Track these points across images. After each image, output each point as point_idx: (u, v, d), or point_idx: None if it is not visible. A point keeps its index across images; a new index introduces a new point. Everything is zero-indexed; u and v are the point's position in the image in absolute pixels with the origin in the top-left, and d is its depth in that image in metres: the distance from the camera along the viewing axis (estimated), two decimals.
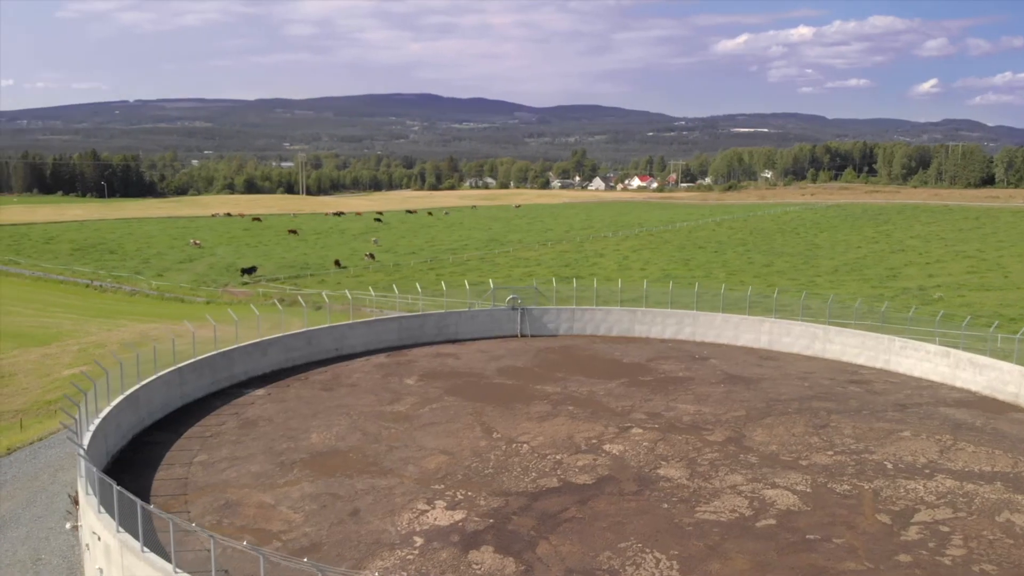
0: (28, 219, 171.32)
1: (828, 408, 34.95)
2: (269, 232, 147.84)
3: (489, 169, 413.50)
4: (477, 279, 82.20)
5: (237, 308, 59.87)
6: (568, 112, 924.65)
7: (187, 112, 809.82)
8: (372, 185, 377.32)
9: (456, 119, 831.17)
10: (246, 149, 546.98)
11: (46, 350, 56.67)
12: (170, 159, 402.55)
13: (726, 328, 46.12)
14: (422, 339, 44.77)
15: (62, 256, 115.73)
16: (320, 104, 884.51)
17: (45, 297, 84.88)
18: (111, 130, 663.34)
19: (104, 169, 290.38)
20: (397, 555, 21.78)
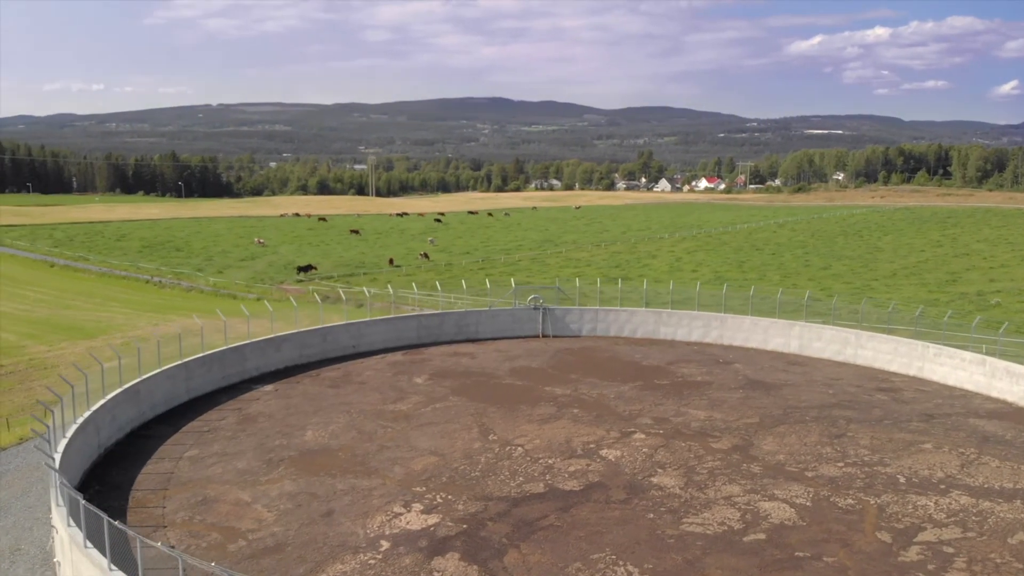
0: (105, 217, 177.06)
1: (848, 417, 32.87)
2: (332, 232, 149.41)
3: (554, 171, 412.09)
4: (524, 279, 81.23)
5: (277, 304, 60.12)
6: (638, 114, 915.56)
7: (267, 116, 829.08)
8: (440, 187, 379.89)
9: (525, 122, 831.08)
10: (323, 152, 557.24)
11: (92, 343, 57.71)
12: (247, 161, 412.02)
13: (754, 332, 44.11)
14: (442, 338, 43.95)
15: (131, 253, 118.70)
16: (394, 108, 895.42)
17: (106, 292, 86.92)
18: (195, 133, 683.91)
19: (183, 170, 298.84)
20: (359, 559, 20.93)
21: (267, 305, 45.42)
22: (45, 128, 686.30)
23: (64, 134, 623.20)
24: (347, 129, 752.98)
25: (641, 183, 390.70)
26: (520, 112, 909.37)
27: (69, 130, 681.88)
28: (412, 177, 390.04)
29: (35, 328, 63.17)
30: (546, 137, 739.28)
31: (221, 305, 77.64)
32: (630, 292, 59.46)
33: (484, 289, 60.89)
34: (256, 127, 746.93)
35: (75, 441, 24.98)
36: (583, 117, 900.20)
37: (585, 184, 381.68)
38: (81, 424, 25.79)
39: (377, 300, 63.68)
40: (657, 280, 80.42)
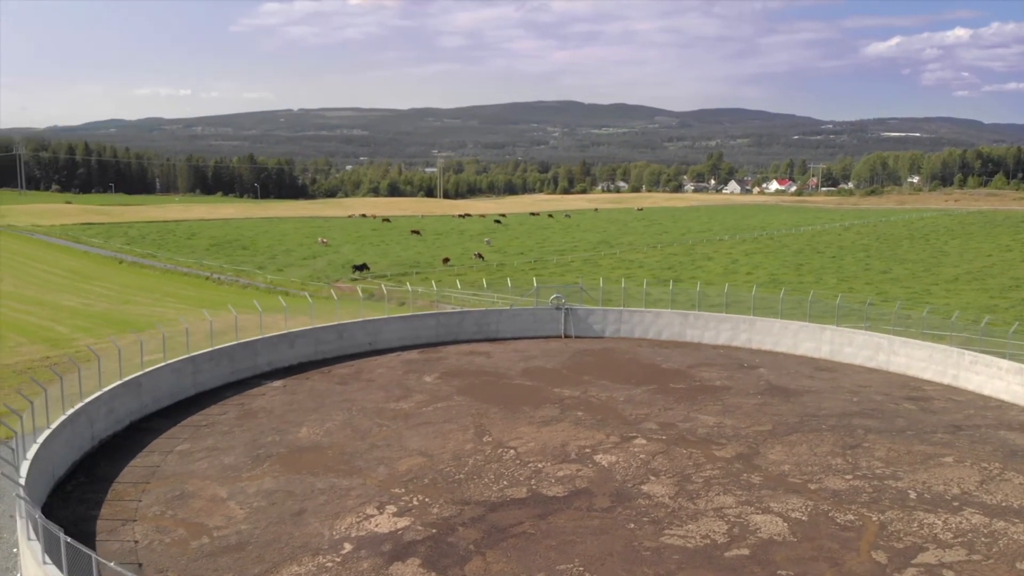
0: (181, 216, 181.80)
1: (868, 426, 30.73)
2: (394, 232, 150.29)
3: (622, 173, 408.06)
4: (573, 279, 79.88)
5: (319, 300, 60.18)
6: (710, 116, 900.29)
7: (345, 120, 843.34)
8: (507, 189, 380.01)
9: (596, 124, 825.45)
10: (397, 156, 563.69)
11: (138, 336, 58.73)
12: (322, 164, 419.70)
13: (784, 335, 41.96)
14: (461, 336, 43.06)
15: (198, 251, 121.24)
16: (467, 113, 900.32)
17: (166, 288, 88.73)
18: (276, 137, 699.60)
19: (260, 172, 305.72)
20: (316, 562, 20.12)
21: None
22: (135, 131, 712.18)
23: (153, 137, 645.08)
24: (421, 133, 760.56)
25: (710, 185, 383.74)
26: (590, 115, 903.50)
27: (158, 133, 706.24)
28: (480, 180, 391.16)
29: (90, 322, 64.49)
30: (616, 139, 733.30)
31: (273, 301, 78.60)
32: (678, 294, 57.66)
33: (529, 288, 59.92)
34: (335, 131, 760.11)
35: (62, 433, 24.85)
36: (654, 119, 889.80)
37: (652, 186, 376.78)
38: (71, 416, 25.66)
39: (421, 298, 63.35)
40: (709, 283, 78.15)
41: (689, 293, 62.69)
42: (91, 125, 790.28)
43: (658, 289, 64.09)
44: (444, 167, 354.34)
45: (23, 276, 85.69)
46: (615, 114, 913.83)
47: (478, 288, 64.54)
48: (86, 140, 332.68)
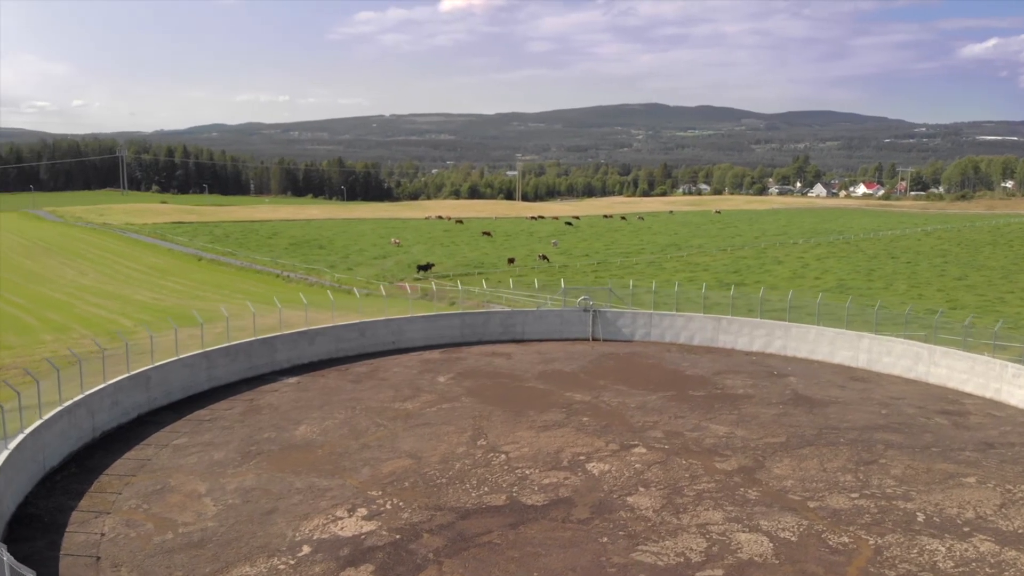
0: (267, 217, 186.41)
1: (890, 441, 28.41)
2: (466, 234, 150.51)
3: (704, 175, 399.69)
4: (635, 281, 78.12)
5: (372, 299, 60.32)
6: (799, 118, 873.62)
7: (434, 125, 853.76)
8: (586, 192, 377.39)
9: (681, 127, 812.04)
10: (482, 159, 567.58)
11: (194, 331, 60.00)
12: (407, 167, 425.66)
13: (820, 343, 39.50)
14: (486, 337, 42.11)
15: (277, 250, 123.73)
16: (551, 116, 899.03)
17: (236, 285, 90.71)
18: (368, 141, 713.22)
19: (348, 175, 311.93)
20: (270, 563, 19.48)
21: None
22: (236, 135, 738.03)
23: (252, 141, 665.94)
24: (506, 137, 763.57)
25: (795, 188, 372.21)
26: (676, 117, 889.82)
27: (257, 137, 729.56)
28: (559, 182, 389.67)
29: (156, 316, 66.12)
30: (701, 142, 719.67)
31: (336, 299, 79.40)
32: (739, 298, 55.46)
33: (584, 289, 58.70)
34: (424, 136, 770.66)
35: (56, 424, 25.01)
36: (741, 122, 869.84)
37: (735, 189, 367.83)
38: (68, 407, 25.80)
39: (475, 297, 62.82)
40: (774, 287, 75.30)
41: (750, 298, 60.25)
42: (195, 129, 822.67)
43: (718, 293, 61.87)
44: (525, 170, 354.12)
45: (107, 271, 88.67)
46: (701, 116, 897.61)
47: (532, 288, 63.63)
48: (189, 144, 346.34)
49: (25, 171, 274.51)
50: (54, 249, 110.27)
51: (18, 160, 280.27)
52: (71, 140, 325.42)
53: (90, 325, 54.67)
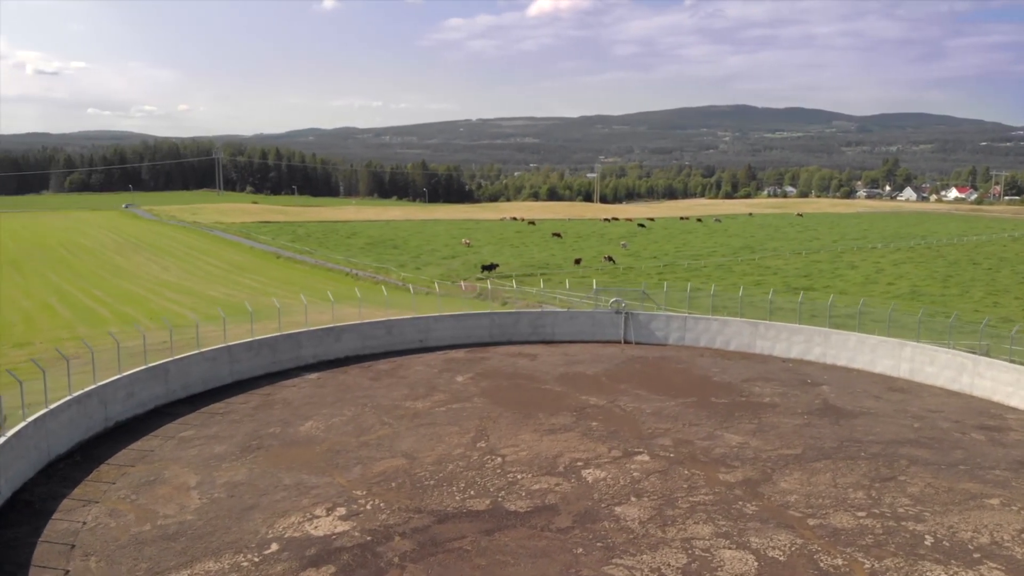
0: (349, 217, 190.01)
1: (916, 457, 26.28)
2: (536, 235, 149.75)
3: (790, 178, 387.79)
4: (699, 284, 76.01)
5: (425, 297, 60.32)
6: (891, 120, 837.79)
7: (519, 129, 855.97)
8: (666, 194, 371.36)
9: (769, 128, 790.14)
10: (565, 162, 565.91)
11: (251, 326, 61.18)
12: (488, 170, 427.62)
13: (861, 351, 37.10)
14: (515, 337, 41.22)
15: (353, 249, 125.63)
16: (636, 119, 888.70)
17: (307, 282, 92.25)
18: (455, 145, 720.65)
19: (431, 178, 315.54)
20: (234, 561, 19.16)
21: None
22: (331, 139, 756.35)
23: (346, 145, 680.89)
24: (590, 140, 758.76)
25: (884, 192, 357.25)
26: (764, 119, 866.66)
27: (351, 141, 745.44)
28: (640, 184, 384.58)
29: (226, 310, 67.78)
30: (790, 144, 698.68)
31: (395, 297, 79.89)
32: (807, 305, 53.21)
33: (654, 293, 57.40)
34: (508, 140, 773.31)
35: (64, 413, 25.44)
36: (831, 123, 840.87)
37: (822, 192, 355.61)
38: (78, 397, 26.24)
39: (530, 297, 62.14)
40: (843, 292, 72.12)
41: (816, 304, 57.70)
42: (292, 133, 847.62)
43: (782, 298, 59.56)
44: (606, 172, 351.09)
45: (189, 268, 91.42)
46: (790, 118, 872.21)
47: (590, 290, 62.51)
48: (286, 147, 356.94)
49: (128, 171, 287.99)
50: (144, 246, 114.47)
51: (122, 161, 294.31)
52: (171, 142, 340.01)
53: (158, 319, 56.24)
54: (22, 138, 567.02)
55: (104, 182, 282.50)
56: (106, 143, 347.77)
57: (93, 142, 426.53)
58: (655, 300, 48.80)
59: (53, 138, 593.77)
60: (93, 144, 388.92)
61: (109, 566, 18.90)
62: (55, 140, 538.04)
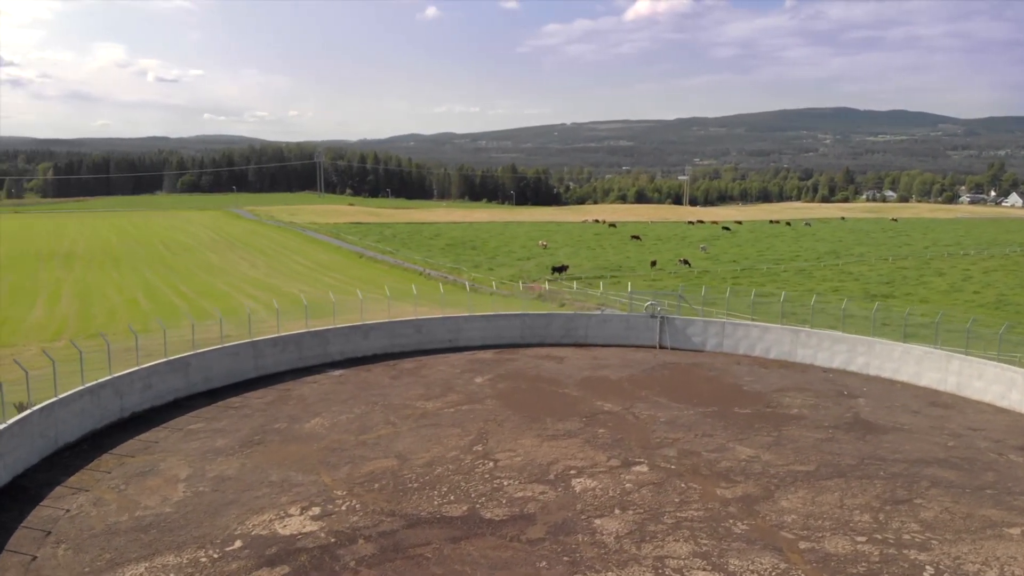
0: (437, 219, 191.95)
1: (939, 478, 23.83)
2: (615, 237, 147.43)
3: (890, 182, 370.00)
4: (774, 290, 72.97)
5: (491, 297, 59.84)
6: (1001, 124, 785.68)
7: (613, 132, 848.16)
8: (760, 196, 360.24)
9: (871, 131, 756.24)
10: (659, 164, 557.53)
11: (308, 323, 62.06)
12: (577, 173, 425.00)
13: (906, 362, 34.22)
14: (547, 339, 40.03)
15: (433, 250, 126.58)
16: (733, 121, 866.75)
17: (382, 280, 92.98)
18: (549, 149, 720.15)
19: (520, 181, 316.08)
20: (195, 555, 18.85)
21: (358, 294, 45.11)
22: (430, 145, 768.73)
23: (444, 150, 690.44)
24: (685, 142, 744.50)
25: (988, 197, 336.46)
26: (866, 122, 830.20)
27: (448, 146, 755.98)
28: (732, 186, 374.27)
29: (295, 306, 69.07)
30: (893, 147, 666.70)
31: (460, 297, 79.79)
32: (882, 313, 50.30)
33: (716, 297, 55.50)
34: (602, 143, 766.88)
35: (76, 402, 25.91)
36: (937, 127, 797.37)
37: (922, 196, 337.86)
38: (91, 387, 26.69)
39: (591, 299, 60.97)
40: (925, 300, 68.06)
41: (892, 313, 54.50)
42: (394, 139, 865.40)
43: (857, 305, 56.43)
44: (699, 174, 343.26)
45: (277, 265, 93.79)
46: (893, 121, 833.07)
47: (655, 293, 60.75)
48: (387, 152, 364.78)
49: (236, 173, 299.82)
50: (239, 244, 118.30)
51: (230, 164, 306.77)
52: (276, 146, 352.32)
53: (232, 313, 57.60)
54: (143, 142, 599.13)
55: (213, 183, 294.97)
56: (220, 147, 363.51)
57: (208, 146, 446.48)
58: (691, 303, 46.75)
59: (171, 142, 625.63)
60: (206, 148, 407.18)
61: (75, 554, 18.92)
62: (173, 144, 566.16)
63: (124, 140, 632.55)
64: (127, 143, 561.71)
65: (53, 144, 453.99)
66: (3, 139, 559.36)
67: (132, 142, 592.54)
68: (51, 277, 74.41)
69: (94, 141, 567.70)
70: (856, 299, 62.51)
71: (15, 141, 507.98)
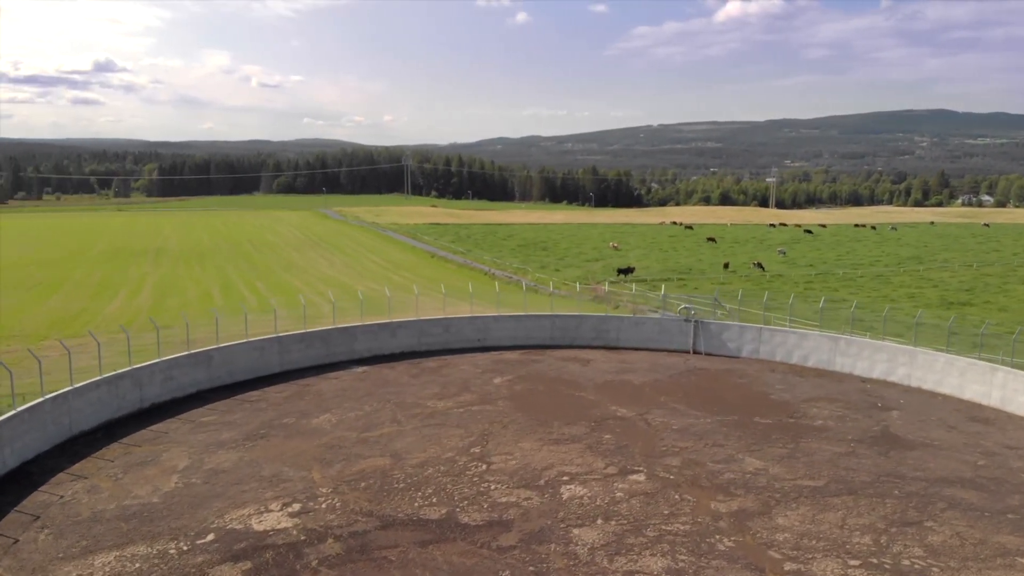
0: (512, 220, 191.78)
1: (959, 500, 21.68)
2: (690, 240, 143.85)
3: (987, 186, 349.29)
4: (846, 295, 69.69)
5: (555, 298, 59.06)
6: None
7: (700, 134, 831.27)
8: (850, 199, 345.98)
9: (971, 134, 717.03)
10: (747, 166, 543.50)
11: (362, 317, 62.47)
12: (660, 175, 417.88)
13: (949, 374, 31.55)
14: (577, 341, 38.83)
15: (504, 250, 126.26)
16: (826, 123, 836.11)
17: (448, 279, 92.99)
18: (635, 151, 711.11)
19: (600, 182, 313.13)
20: (164, 547, 18.74)
21: (386, 292, 44.71)
22: (516, 147, 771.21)
23: (530, 152, 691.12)
24: (775, 144, 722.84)
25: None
26: (965, 124, 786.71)
27: (534, 149, 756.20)
28: (821, 189, 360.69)
29: (356, 304, 69.86)
30: (993, 151, 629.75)
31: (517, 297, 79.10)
32: (961, 320, 47.40)
33: (780, 303, 53.32)
34: (689, 144, 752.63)
35: (92, 391, 26.43)
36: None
37: (1021, 201, 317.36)
38: (108, 378, 27.19)
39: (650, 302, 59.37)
40: (1004, 308, 63.60)
41: (968, 321, 51.18)
42: (482, 142, 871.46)
43: (932, 313, 53.34)
44: (788, 176, 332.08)
45: (352, 264, 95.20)
46: (994, 123, 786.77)
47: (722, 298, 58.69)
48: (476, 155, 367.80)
49: (329, 176, 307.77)
50: (321, 243, 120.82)
51: (323, 166, 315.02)
52: (367, 149, 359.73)
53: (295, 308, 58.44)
54: (245, 144, 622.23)
55: (307, 185, 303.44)
56: (317, 150, 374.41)
57: (307, 149, 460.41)
58: (728, 308, 44.51)
59: (272, 145, 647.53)
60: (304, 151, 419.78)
61: (55, 540, 19.11)
62: (274, 147, 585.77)
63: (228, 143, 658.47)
64: (230, 145, 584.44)
65: (161, 146, 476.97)
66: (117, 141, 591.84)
67: (235, 144, 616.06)
68: (139, 272, 77.33)
69: (200, 144, 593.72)
70: (932, 307, 58.94)
71: (128, 143, 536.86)
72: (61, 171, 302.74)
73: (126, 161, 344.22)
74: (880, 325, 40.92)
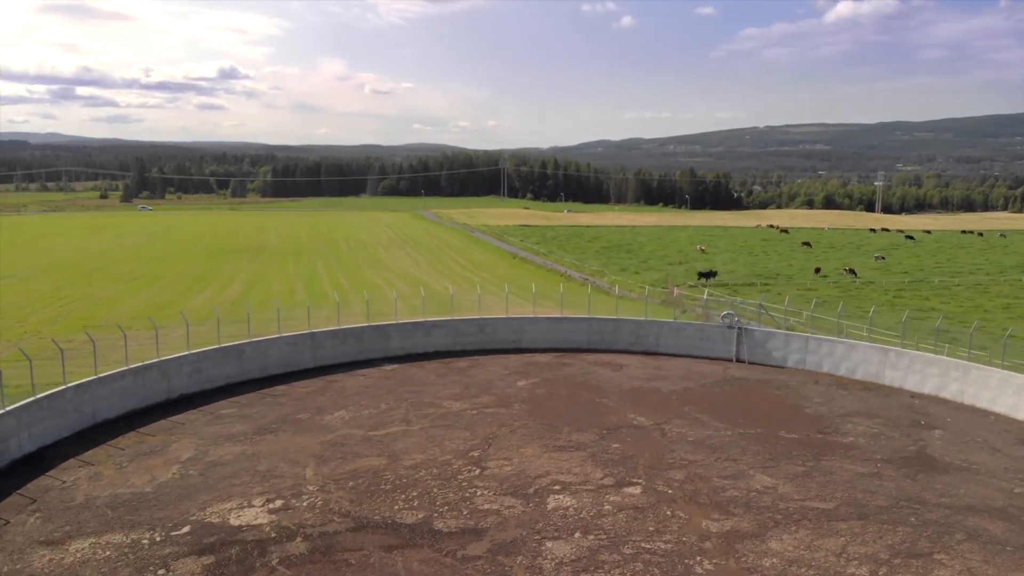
0: (602, 222, 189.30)
1: (982, 530, 19.22)
2: (784, 244, 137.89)
3: None
4: (938, 304, 65.25)
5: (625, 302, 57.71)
6: None
7: (808, 136, 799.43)
8: (963, 205, 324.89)
9: None
10: (857, 170, 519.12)
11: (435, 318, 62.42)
12: (761, 178, 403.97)
13: (1004, 392, 28.32)
14: (614, 345, 37.20)
15: (588, 252, 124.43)
16: (940, 125, 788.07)
17: (523, 280, 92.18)
18: (739, 153, 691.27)
19: (698, 185, 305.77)
20: (137, 537, 18.73)
21: (421, 291, 44.01)
22: (617, 150, 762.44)
23: (631, 155, 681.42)
24: (886, 147, 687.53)
25: None
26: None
27: (635, 152, 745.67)
28: (933, 194, 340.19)
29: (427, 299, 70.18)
30: None
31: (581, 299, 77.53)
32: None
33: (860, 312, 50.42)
34: (796, 147, 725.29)
35: (117, 381, 27.07)
36: None
37: None
38: (134, 368, 27.78)
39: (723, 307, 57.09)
40: None
41: None
42: (583, 145, 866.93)
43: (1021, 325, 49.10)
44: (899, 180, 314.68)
45: (435, 263, 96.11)
46: None
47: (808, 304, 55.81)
48: (576, 159, 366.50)
49: (431, 179, 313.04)
50: (410, 243, 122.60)
51: (425, 170, 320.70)
52: (466, 153, 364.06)
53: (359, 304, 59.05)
54: (357, 149, 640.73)
55: (409, 187, 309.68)
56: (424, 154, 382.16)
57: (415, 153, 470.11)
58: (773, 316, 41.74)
59: (383, 149, 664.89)
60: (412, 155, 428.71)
61: (42, 524, 19.45)
62: (384, 151, 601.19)
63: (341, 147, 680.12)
64: (343, 150, 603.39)
65: (279, 150, 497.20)
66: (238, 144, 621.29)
67: (348, 149, 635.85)
68: (235, 267, 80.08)
69: (315, 148, 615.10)
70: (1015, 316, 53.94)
71: (248, 147, 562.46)
72: (183, 172, 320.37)
73: (243, 163, 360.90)
74: (967, 339, 37.40)
